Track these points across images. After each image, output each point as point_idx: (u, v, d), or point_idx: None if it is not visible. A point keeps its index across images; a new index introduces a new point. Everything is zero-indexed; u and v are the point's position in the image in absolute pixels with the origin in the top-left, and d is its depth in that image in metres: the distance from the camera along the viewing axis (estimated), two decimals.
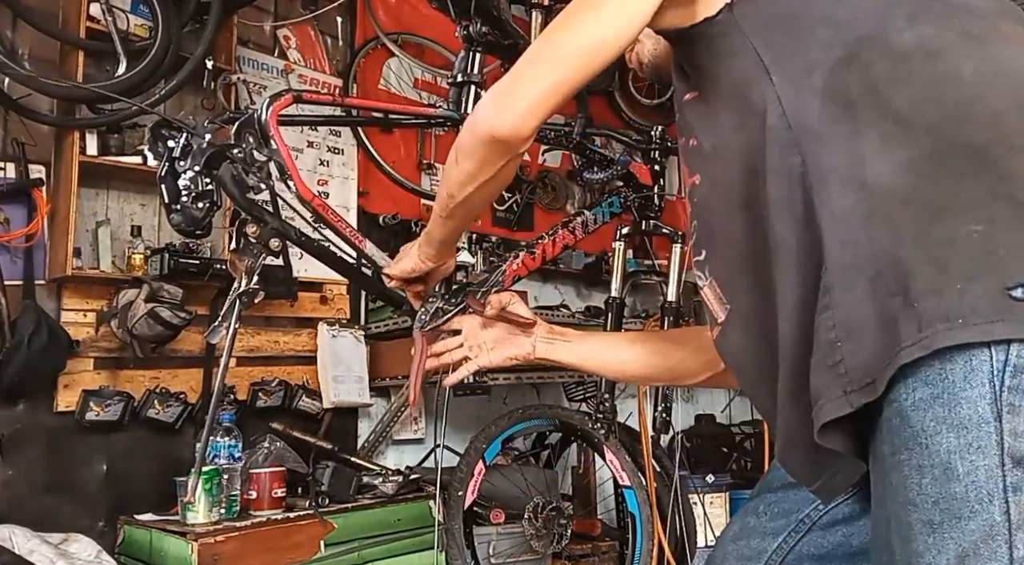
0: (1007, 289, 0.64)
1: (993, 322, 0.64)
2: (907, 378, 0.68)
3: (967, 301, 0.65)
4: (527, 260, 2.05)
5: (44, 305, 2.47)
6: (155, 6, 2.49)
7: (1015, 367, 0.64)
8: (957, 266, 0.67)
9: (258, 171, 1.26)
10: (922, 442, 0.67)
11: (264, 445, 2.71)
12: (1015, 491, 0.64)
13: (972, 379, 0.65)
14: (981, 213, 0.67)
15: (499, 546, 2.88)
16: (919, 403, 0.67)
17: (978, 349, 0.65)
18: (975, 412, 0.64)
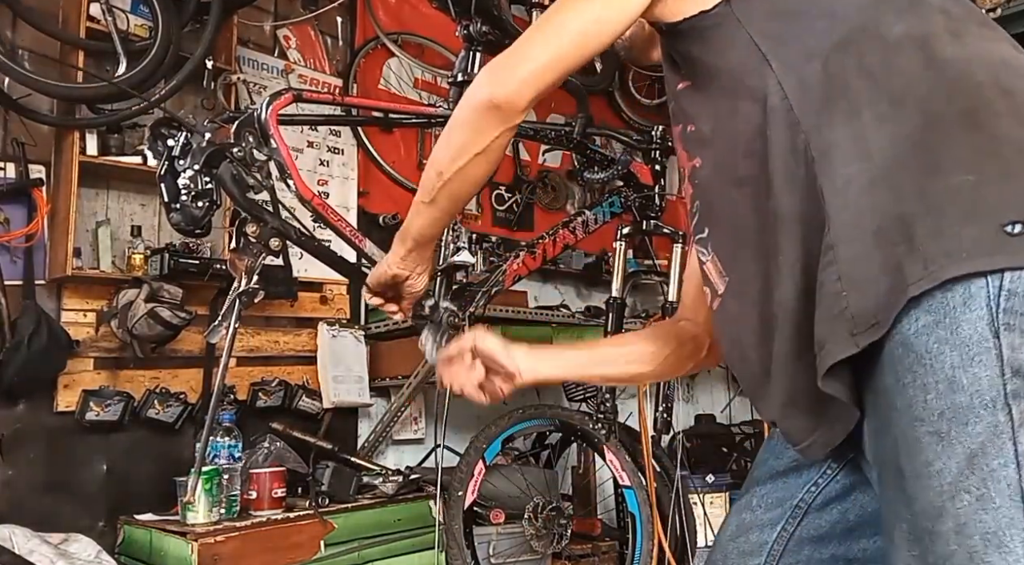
0: (1002, 226, 0.71)
1: (991, 255, 0.71)
2: (910, 311, 0.74)
3: (966, 239, 0.72)
4: (527, 260, 2.05)
5: (44, 305, 2.47)
6: (155, 6, 2.49)
7: (1009, 291, 0.70)
8: (954, 211, 0.73)
9: (258, 170, 1.26)
10: (926, 362, 0.73)
11: (264, 445, 2.71)
12: (1015, 396, 0.70)
13: (971, 303, 0.71)
14: (972, 167, 0.74)
15: (499, 546, 2.87)
16: (922, 329, 0.73)
17: (975, 278, 0.71)
18: (975, 331, 0.71)
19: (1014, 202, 0.72)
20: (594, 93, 4.18)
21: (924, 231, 0.74)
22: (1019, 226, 0.71)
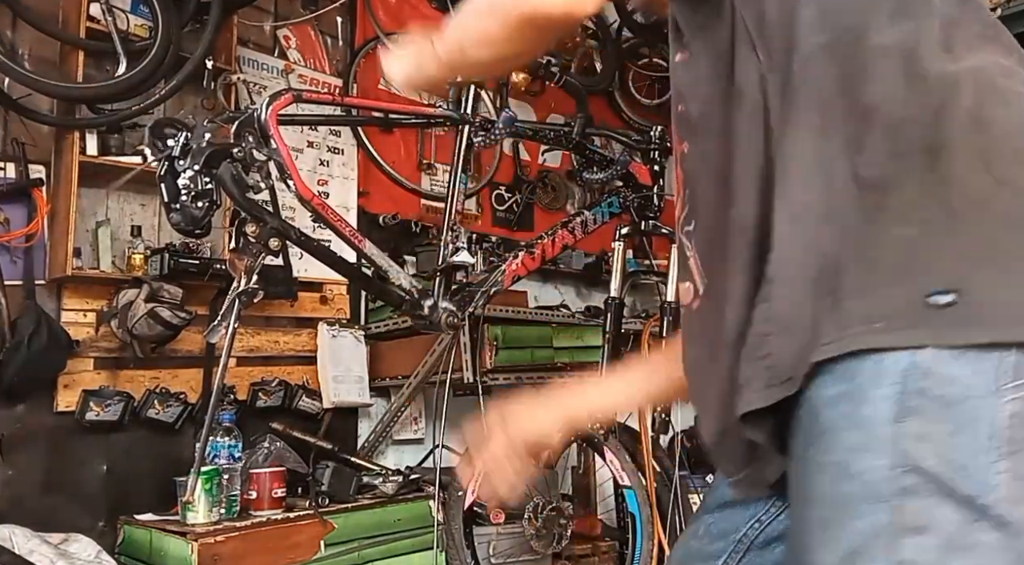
0: (927, 295, 0.63)
1: (909, 329, 0.63)
2: (822, 375, 0.67)
3: (887, 305, 0.65)
4: (527, 260, 2.05)
5: (44, 305, 2.47)
6: (155, 6, 2.49)
7: (921, 370, 0.62)
8: (885, 267, 0.66)
9: (258, 170, 1.26)
10: (827, 439, 0.66)
11: (264, 445, 2.71)
12: (905, 495, 0.62)
13: (879, 379, 0.63)
14: (916, 217, 0.66)
15: (499, 546, 2.87)
16: (829, 400, 0.66)
17: (889, 351, 0.64)
18: (877, 412, 0.63)
19: (947, 266, 0.64)
20: (594, 93, 4.19)
21: (849, 286, 0.67)
22: (948, 296, 0.62)
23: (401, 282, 1.63)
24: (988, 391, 0.61)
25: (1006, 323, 0.61)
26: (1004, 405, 0.60)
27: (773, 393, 0.71)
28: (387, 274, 1.60)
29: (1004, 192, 0.65)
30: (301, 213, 2.20)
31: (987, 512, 0.60)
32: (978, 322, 0.61)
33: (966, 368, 0.61)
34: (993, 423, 0.60)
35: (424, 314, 1.65)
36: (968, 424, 0.61)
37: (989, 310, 0.62)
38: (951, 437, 0.61)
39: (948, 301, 0.62)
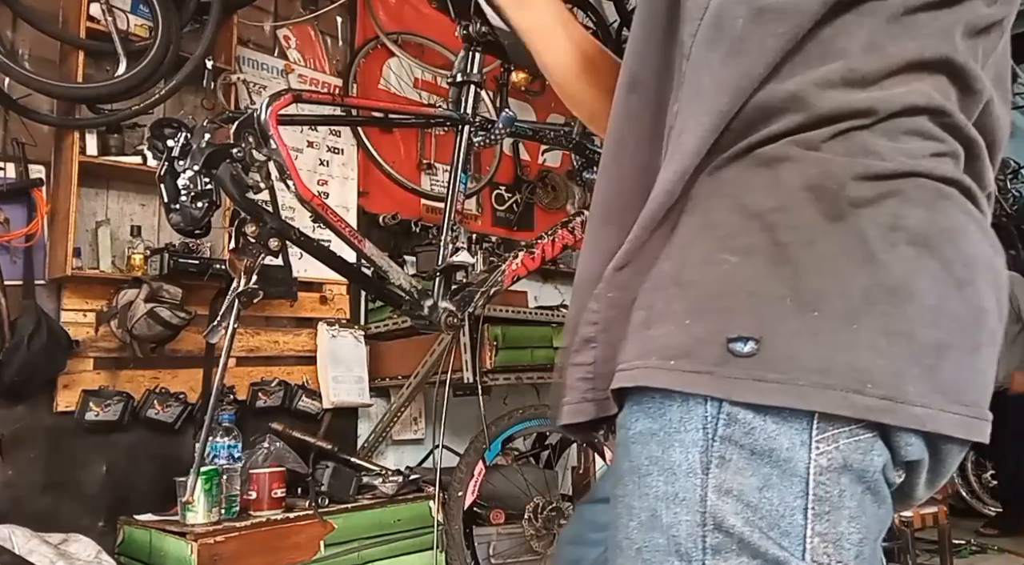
0: (728, 340, 0.56)
1: (702, 374, 0.56)
2: (633, 404, 0.61)
3: (687, 341, 0.58)
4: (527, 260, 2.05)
5: (44, 305, 2.47)
6: (155, 6, 2.49)
7: (729, 415, 0.56)
8: (693, 296, 0.59)
9: (257, 171, 1.26)
10: (637, 480, 0.59)
11: (264, 445, 2.71)
12: (713, 554, 0.56)
13: (687, 421, 0.57)
14: (742, 241, 0.58)
15: (499, 546, 2.87)
16: (639, 436, 0.60)
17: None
18: (685, 459, 0.57)
19: (756, 309, 0.56)
20: None
21: (660, 307, 0.60)
22: (749, 345, 0.55)
23: (401, 282, 1.63)
24: (796, 443, 0.55)
25: (807, 389, 0.54)
26: (816, 458, 0.55)
27: (588, 409, 0.66)
28: (387, 274, 1.60)
29: (836, 232, 0.56)
30: (301, 213, 2.20)
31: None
32: (777, 381, 0.54)
33: (772, 417, 0.55)
34: (803, 479, 0.54)
35: (424, 314, 1.65)
36: (776, 479, 0.55)
37: (790, 370, 0.54)
38: (758, 493, 0.55)
39: (748, 351, 0.55)
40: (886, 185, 0.57)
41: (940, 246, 0.57)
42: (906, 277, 0.56)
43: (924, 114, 0.59)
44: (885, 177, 0.57)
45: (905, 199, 0.57)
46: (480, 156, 3.78)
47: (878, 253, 0.56)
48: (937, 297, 0.56)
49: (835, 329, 0.54)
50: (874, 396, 0.53)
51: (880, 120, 0.58)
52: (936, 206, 0.58)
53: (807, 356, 0.54)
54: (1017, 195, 7.72)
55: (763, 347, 0.55)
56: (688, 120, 0.63)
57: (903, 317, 0.55)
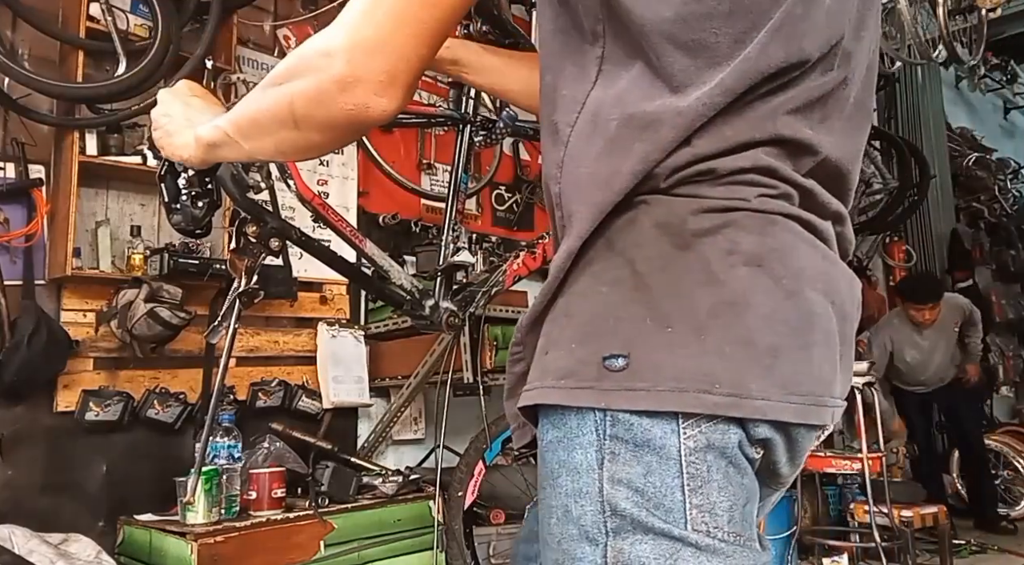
0: (604, 358, 0.66)
1: (587, 390, 0.67)
2: (543, 419, 0.71)
3: (572, 362, 0.68)
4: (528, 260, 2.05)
5: (44, 305, 2.47)
6: (155, 6, 2.49)
7: (613, 418, 0.66)
8: (577, 325, 0.70)
9: (258, 170, 1.26)
10: (551, 482, 0.70)
11: (264, 445, 2.71)
12: (613, 536, 0.65)
13: (583, 427, 0.67)
14: (611, 274, 0.70)
15: (499, 546, 2.87)
16: (549, 445, 0.70)
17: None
18: (585, 458, 0.67)
19: (625, 330, 0.67)
20: None
21: (554, 333, 0.72)
22: (620, 361, 0.66)
23: (402, 282, 1.63)
24: (668, 432, 0.65)
25: (667, 394, 0.65)
26: (684, 443, 0.65)
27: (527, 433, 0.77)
28: (388, 274, 1.60)
29: (683, 259, 0.68)
30: (301, 213, 2.19)
31: (685, 541, 0.64)
32: (644, 389, 0.65)
33: (644, 416, 0.65)
34: (678, 461, 0.65)
35: (425, 314, 1.65)
36: (656, 464, 0.65)
37: (649, 378, 0.65)
38: (644, 478, 0.65)
39: (620, 366, 0.66)
40: (721, 217, 0.68)
41: (770, 263, 0.68)
42: (743, 292, 0.66)
43: (753, 172, 0.70)
44: (720, 210, 0.68)
45: (739, 227, 0.68)
46: (480, 156, 3.77)
47: (719, 274, 0.67)
48: (770, 307, 0.67)
49: (687, 341, 0.65)
50: (721, 394, 0.64)
51: (716, 177, 0.69)
52: (766, 231, 0.69)
53: (666, 366, 0.65)
54: (1017, 195, 7.72)
55: (631, 362, 0.65)
56: (571, 205, 0.73)
57: (743, 326, 0.66)
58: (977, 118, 7.79)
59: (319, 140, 0.78)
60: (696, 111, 0.68)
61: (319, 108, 0.73)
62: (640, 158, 0.69)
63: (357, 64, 0.69)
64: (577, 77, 0.73)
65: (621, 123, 0.70)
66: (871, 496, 3.38)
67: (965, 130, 7.34)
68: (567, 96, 0.74)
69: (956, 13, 4.99)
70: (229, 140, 0.86)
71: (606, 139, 0.70)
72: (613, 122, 0.70)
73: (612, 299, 0.68)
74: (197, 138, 0.91)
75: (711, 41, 0.68)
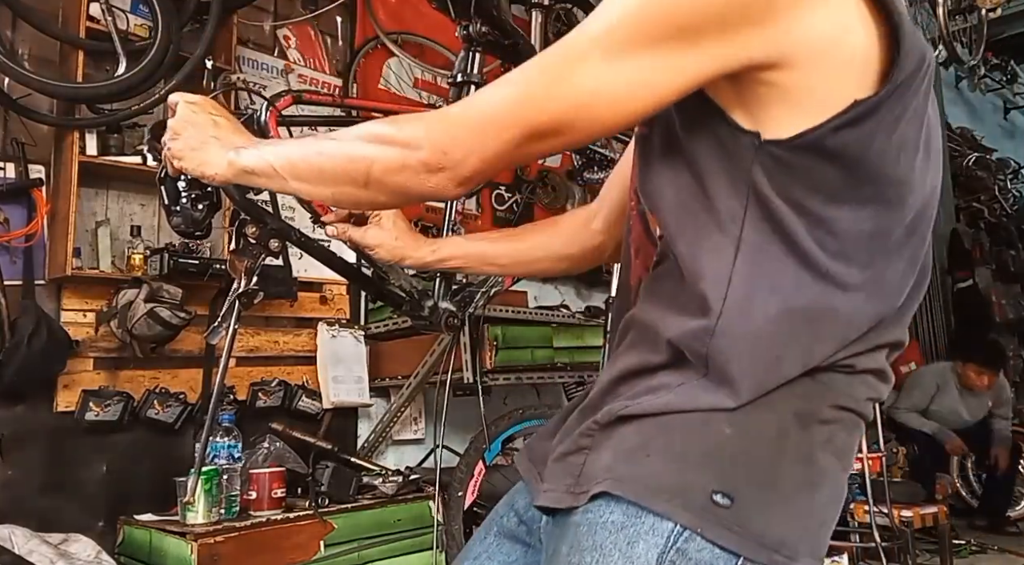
0: (713, 491, 0.73)
1: (687, 511, 0.73)
2: (611, 500, 0.76)
3: (681, 481, 0.75)
4: None
5: (44, 305, 2.47)
6: (155, 6, 2.49)
7: (688, 538, 0.73)
8: (694, 451, 0.76)
9: None
10: (596, 556, 0.74)
11: (264, 445, 2.71)
12: None
13: (657, 529, 0.73)
14: (735, 422, 0.76)
15: None
16: (608, 525, 0.75)
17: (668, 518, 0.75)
18: (645, 554, 0.73)
19: (738, 475, 0.75)
20: None
21: (665, 446, 0.76)
22: (726, 500, 0.73)
23: (401, 282, 1.63)
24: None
25: (751, 543, 0.72)
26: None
27: (567, 500, 0.80)
28: (387, 274, 1.60)
29: (797, 437, 0.77)
30: (300, 214, 2.20)
31: None
32: (734, 531, 0.73)
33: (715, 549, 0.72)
34: None
35: (424, 314, 1.65)
36: None
37: (746, 525, 0.73)
38: None
39: (724, 503, 0.73)
40: (838, 414, 0.79)
41: (844, 458, 0.81)
42: (823, 477, 0.78)
43: (873, 375, 0.81)
44: (840, 408, 0.79)
45: (843, 426, 0.80)
46: None
47: (816, 458, 0.77)
48: (834, 494, 0.80)
49: (776, 506, 0.75)
50: (782, 556, 0.74)
51: (852, 373, 0.79)
52: (853, 433, 0.81)
53: (756, 521, 0.74)
54: (1017, 195, 7.72)
55: (735, 505, 0.73)
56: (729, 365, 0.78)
57: (815, 503, 0.78)
58: (977, 118, 7.79)
59: (383, 201, 0.85)
60: (868, 315, 0.77)
61: (397, 179, 0.78)
62: (807, 351, 0.76)
63: (449, 160, 0.75)
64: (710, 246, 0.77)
65: (785, 314, 0.76)
66: (871, 496, 3.38)
67: (965, 130, 7.34)
68: (704, 264, 0.77)
69: (956, 13, 4.99)
70: (274, 174, 0.88)
71: (771, 322, 0.76)
72: (773, 309, 0.75)
73: (735, 445, 0.75)
74: (231, 161, 0.92)
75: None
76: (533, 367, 3.16)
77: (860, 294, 0.76)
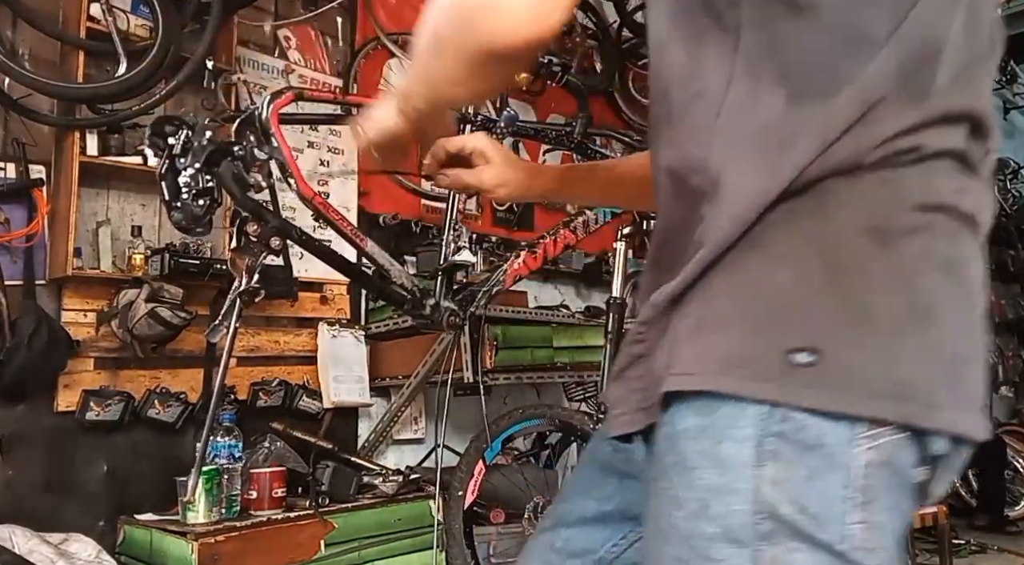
0: (787, 352, 0.61)
1: (764, 382, 0.62)
2: (681, 404, 0.65)
3: (748, 351, 0.63)
4: (528, 260, 2.05)
5: (44, 305, 2.47)
6: (155, 6, 2.49)
7: (783, 415, 0.61)
8: (752, 309, 0.64)
9: (259, 169, 1.26)
10: (684, 474, 0.64)
11: (264, 445, 2.71)
12: (764, 540, 0.60)
13: (740, 419, 0.62)
14: (797, 262, 0.64)
15: (499, 546, 2.87)
16: (687, 432, 0.64)
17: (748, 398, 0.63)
18: (738, 453, 0.62)
19: (813, 324, 0.62)
20: (594, 93, 4.19)
21: (715, 317, 0.65)
22: (808, 356, 0.61)
23: (403, 281, 1.63)
24: (843, 439, 0.60)
25: (860, 396, 0.60)
26: (859, 454, 0.60)
27: (640, 419, 0.72)
28: (388, 273, 1.60)
29: (883, 257, 0.63)
30: (302, 213, 2.20)
31: (845, 558, 0.60)
32: (833, 389, 0.60)
33: (822, 417, 0.60)
34: (848, 472, 0.60)
35: (425, 314, 1.65)
36: (824, 471, 0.60)
37: (843, 379, 0.60)
38: (807, 483, 0.60)
39: (807, 361, 0.61)
40: (923, 217, 0.64)
41: (959, 273, 0.65)
42: (937, 299, 0.63)
43: (951, 157, 0.65)
44: (922, 210, 0.64)
45: (935, 231, 0.64)
46: None
47: (915, 277, 0.63)
48: (958, 318, 0.64)
49: (882, 344, 0.61)
50: (916, 404, 0.60)
51: (919, 159, 0.64)
52: (957, 238, 0.65)
53: (859, 368, 0.61)
54: (1017, 195, 7.72)
55: (821, 359, 0.60)
56: (731, 175, 0.67)
57: (936, 334, 0.62)
58: None
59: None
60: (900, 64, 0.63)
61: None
62: (823, 127, 0.63)
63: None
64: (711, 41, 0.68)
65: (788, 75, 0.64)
66: None
67: None
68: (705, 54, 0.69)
69: None
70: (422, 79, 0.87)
71: (775, 97, 0.65)
72: (777, 76, 0.64)
73: (800, 289, 0.63)
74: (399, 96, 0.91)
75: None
76: (533, 367, 3.16)
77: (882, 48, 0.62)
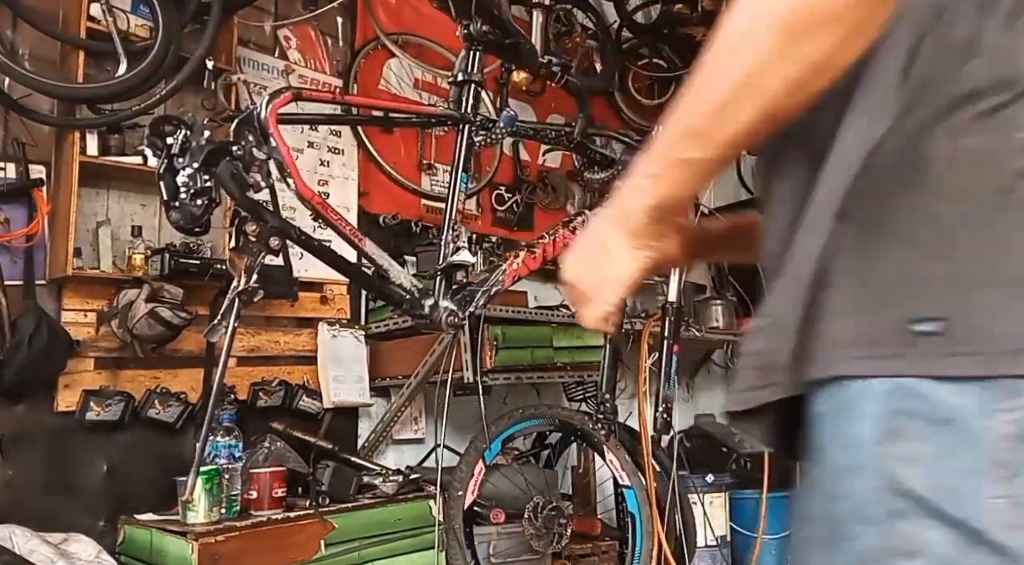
0: (911, 322, 0.60)
1: (890, 358, 0.60)
2: (816, 389, 0.66)
3: (871, 329, 0.62)
4: (528, 260, 2.05)
5: (44, 305, 2.47)
6: (155, 6, 2.49)
7: (907, 391, 0.60)
8: (870, 287, 0.63)
9: (257, 169, 1.26)
10: (817, 457, 0.65)
11: (264, 445, 2.71)
12: (895, 518, 0.59)
13: (865, 398, 0.61)
14: (906, 234, 0.62)
15: (499, 546, 2.87)
16: (819, 417, 0.65)
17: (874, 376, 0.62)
18: (864, 433, 0.61)
19: (935, 292, 0.60)
20: (594, 93, 4.19)
21: (835, 301, 0.65)
22: (934, 325, 0.59)
23: (402, 281, 1.63)
24: (976, 412, 0.58)
25: (992, 356, 0.57)
26: (995, 427, 0.57)
27: (752, 397, 0.70)
28: (388, 273, 1.60)
29: (1004, 213, 0.60)
30: (301, 213, 2.20)
31: (982, 537, 0.57)
32: (963, 353, 0.58)
33: (951, 389, 0.58)
34: (983, 445, 0.57)
35: (425, 314, 1.65)
36: (956, 446, 0.58)
37: (975, 341, 0.58)
38: (939, 459, 0.58)
39: (933, 329, 0.59)
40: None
41: None
42: None
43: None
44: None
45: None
46: (480, 156, 3.78)
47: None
48: None
49: (1013, 300, 0.57)
50: None
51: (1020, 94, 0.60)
52: None
53: (992, 327, 0.57)
54: None
55: (949, 325, 0.58)
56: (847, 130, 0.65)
57: None
58: None
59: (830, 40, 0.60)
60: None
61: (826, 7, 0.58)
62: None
63: None
64: None
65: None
66: None
67: None
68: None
69: None
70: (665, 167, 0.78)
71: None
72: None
73: (913, 257, 0.61)
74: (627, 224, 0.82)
75: None
76: (533, 367, 3.16)
77: None
